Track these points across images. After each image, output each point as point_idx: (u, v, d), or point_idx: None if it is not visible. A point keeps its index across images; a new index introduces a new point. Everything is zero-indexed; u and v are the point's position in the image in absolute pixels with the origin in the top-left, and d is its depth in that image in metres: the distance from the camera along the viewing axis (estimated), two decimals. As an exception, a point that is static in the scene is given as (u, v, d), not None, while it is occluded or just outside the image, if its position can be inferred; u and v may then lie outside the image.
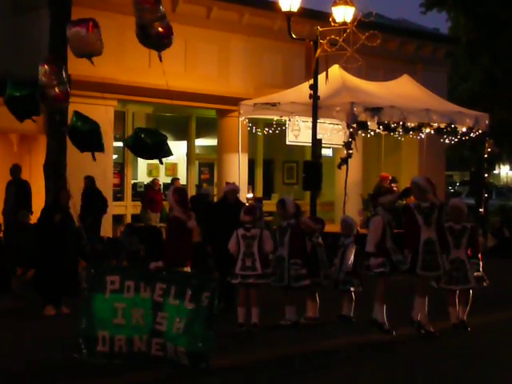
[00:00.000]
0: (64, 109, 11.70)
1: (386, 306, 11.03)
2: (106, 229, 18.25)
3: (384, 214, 11.12)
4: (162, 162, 11.67)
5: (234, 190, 12.85)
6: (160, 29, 10.50)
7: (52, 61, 11.22)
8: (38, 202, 15.71)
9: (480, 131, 20.71)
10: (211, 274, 11.93)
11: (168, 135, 21.20)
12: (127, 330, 9.05)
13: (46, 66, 11.00)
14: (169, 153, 11.19)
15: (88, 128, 11.09)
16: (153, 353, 8.94)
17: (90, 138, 11.11)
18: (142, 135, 10.87)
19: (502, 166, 62.82)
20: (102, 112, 14.95)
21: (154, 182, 20.25)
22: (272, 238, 11.52)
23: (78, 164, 16.86)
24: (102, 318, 9.13)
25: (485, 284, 11.78)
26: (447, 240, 11.20)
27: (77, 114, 11.23)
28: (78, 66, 14.91)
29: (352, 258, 11.85)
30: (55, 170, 14.94)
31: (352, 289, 11.88)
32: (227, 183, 17.01)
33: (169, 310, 8.90)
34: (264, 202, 22.66)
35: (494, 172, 57.08)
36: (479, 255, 11.70)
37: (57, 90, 10.95)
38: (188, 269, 10.72)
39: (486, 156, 21.83)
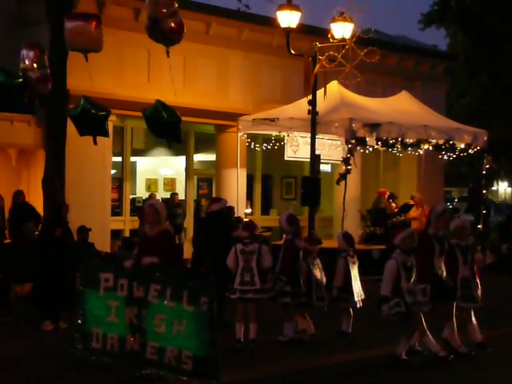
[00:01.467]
0: (44, 93, 11.55)
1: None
2: (104, 243, 18.21)
3: (399, 256, 10.42)
4: (170, 146, 11.32)
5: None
6: (172, 24, 10.46)
7: (35, 45, 11.17)
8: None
9: (478, 147, 20.76)
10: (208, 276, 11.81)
11: (167, 150, 21.44)
12: (120, 328, 8.97)
13: (28, 50, 10.96)
14: (178, 138, 10.90)
15: (101, 114, 10.95)
16: (147, 356, 8.77)
17: (98, 122, 10.96)
18: (161, 109, 10.58)
19: (500, 183, 62.96)
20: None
21: (151, 197, 20.20)
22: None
23: (76, 178, 16.90)
24: (96, 315, 9.12)
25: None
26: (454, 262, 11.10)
27: (86, 98, 11.10)
28: (76, 81, 14.93)
29: (343, 273, 11.83)
30: (53, 185, 14.92)
31: (344, 305, 11.87)
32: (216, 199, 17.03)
33: (166, 312, 8.72)
34: (262, 217, 22.73)
35: (493, 188, 57.18)
36: (477, 274, 11.55)
37: (37, 73, 10.90)
38: None
39: (484, 172, 21.88)
